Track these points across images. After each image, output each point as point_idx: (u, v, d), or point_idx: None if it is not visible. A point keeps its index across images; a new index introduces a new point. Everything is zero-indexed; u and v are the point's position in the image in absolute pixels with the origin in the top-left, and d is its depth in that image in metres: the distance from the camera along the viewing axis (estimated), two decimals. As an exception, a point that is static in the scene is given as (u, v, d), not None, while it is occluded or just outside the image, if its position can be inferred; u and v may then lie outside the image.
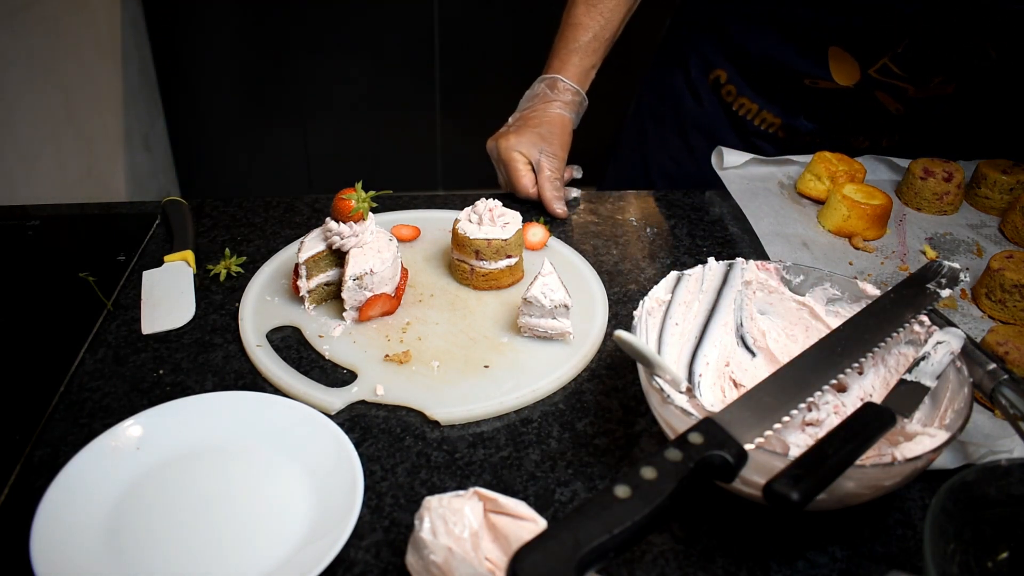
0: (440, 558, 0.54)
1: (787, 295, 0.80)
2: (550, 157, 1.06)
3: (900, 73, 1.08)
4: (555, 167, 1.07)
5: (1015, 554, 0.57)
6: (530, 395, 0.77)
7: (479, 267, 0.90)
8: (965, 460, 0.68)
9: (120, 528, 0.63)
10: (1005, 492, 0.56)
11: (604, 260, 0.99)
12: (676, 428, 0.63)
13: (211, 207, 1.09)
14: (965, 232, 1.05)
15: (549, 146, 1.07)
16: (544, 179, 1.06)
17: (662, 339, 0.76)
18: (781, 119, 1.20)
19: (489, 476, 0.69)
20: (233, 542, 0.62)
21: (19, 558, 0.60)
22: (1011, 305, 0.87)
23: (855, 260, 0.98)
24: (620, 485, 0.49)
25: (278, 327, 0.86)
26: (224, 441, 0.71)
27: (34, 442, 0.72)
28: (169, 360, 0.82)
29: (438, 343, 0.83)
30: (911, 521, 0.66)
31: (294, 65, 2.69)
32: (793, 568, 0.62)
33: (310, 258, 0.85)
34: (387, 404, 0.76)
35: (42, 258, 0.99)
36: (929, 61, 1.07)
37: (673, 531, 0.64)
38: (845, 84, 1.10)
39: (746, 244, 1.03)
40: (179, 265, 0.95)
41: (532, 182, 1.07)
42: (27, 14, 1.87)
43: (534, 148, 1.06)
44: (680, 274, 0.78)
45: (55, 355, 0.81)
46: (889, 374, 0.73)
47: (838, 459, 0.55)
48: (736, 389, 0.77)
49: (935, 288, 0.74)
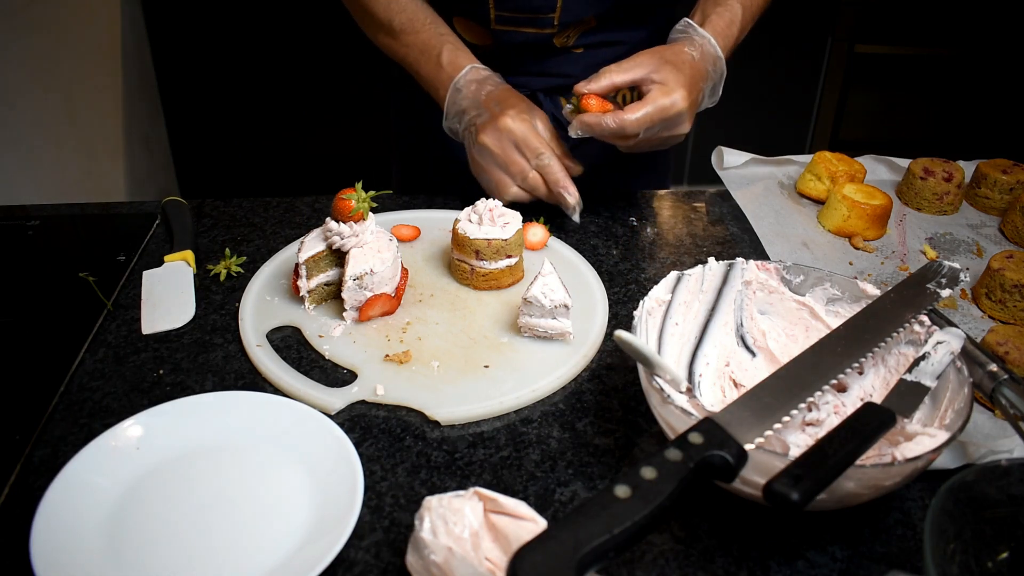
0: (440, 558, 0.54)
1: (787, 295, 0.80)
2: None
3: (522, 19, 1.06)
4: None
5: (1015, 554, 0.57)
6: (530, 395, 0.77)
7: (479, 267, 0.90)
8: (965, 460, 0.68)
9: (120, 528, 0.63)
10: (1005, 492, 0.56)
11: (604, 260, 0.99)
12: (676, 428, 0.63)
13: (211, 207, 1.09)
14: (965, 232, 1.05)
15: (543, 121, 0.99)
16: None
17: (662, 339, 0.76)
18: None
19: (489, 476, 0.69)
20: (233, 542, 0.62)
21: (19, 558, 0.60)
22: (1011, 305, 0.87)
23: (855, 260, 0.98)
24: (620, 485, 0.49)
25: (278, 327, 0.86)
26: (224, 441, 0.71)
27: (34, 442, 0.72)
28: (169, 360, 0.82)
29: (438, 343, 0.83)
30: (911, 521, 0.66)
31: (294, 65, 2.69)
32: (793, 568, 0.62)
33: (310, 258, 0.85)
34: (387, 404, 0.76)
35: (42, 258, 0.99)
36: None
37: (673, 531, 0.64)
38: (484, 43, 1.07)
39: (746, 244, 1.03)
40: (179, 265, 0.95)
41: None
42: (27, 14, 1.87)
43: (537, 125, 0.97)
44: (680, 274, 0.78)
45: (55, 355, 0.81)
46: (889, 374, 0.73)
47: (838, 459, 0.55)
48: (736, 389, 0.77)
49: (935, 288, 0.74)
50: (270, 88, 2.74)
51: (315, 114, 2.79)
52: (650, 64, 0.92)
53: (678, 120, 0.93)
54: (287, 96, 2.75)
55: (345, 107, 2.77)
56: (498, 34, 1.09)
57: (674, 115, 0.92)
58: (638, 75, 0.92)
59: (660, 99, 0.91)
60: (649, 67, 0.92)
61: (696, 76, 0.95)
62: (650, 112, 0.91)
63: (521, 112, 0.97)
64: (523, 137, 0.96)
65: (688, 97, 0.92)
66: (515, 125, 0.96)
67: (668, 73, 0.92)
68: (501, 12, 1.06)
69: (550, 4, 1.05)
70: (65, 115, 2.04)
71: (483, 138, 0.97)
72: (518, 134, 0.96)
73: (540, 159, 0.95)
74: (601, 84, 0.92)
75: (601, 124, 0.92)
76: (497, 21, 1.07)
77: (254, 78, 2.73)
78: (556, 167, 0.96)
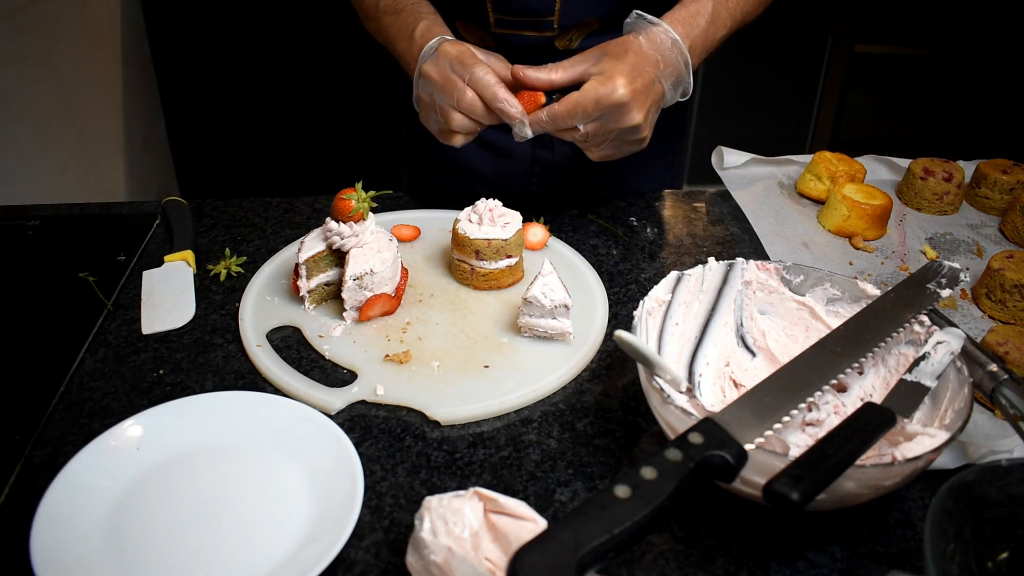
0: (440, 558, 0.54)
1: (787, 295, 0.80)
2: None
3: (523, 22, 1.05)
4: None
5: (1015, 554, 0.57)
6: (530, 395, 0.77)
7: (479, 267, 0.90)
8: (965, 460, 0.68)
9: (120, 528, 0.63)
10: (1005, 492, 0.56)
11: (604, 260, 0.99)
12: (676, 428, 0.63)
13: (211, 207, 1.09)
14: (965, 232, 1.05)
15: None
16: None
17: (662, 339, 0.76)
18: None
19: (489, 476, 0.69)
20: (233, 542, 0.62)
21: (19, 558, 0.60)
22: (1011, 305, 0.87)
23: (855, 260, 0.98)
24: (620, 485, 0.49)
25: (278, 327, 0.86)
26: (224, 441, 0.71)
27: (34, 442, 0.72)
28: (169, 360, 0.82)
29: (438, 343, 0.83)
30: (911, 521, 0.66)
31: (294, 65, 2.69)
32: (793, 568, 0.62)
33: (310, 258, 0.85)
34: (387, 404, 0.76)
35: (42, 258, 0.99)
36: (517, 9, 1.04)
37: (673, 531, 0.64)
38: (486, 46, 1.04)
39: (746, 244, 1.03)
40: (179, 265, 0.95)
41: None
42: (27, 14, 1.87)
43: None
44: (680, 274, 0.78)
45: (55, 355, 0.81)
46: (889, 374, 0.73)
47: (838, 459, 0.55)
48: (736, 389, 0.77)
49: (935, 288, 0.74)
50: (270, 88, 2.74)
51: (315, 114, 2.79)
52: (591, 58, 0.89)
53: (621, 110, 0.86)
54: (287, 96, 2.75)
55: (346, 107, 2.77)
56: (499, 37, 1.08)
57: (613, 104, 0.85)
58: (578, 71, 0.89)
59: (596, 88, 0.86)
60: (590, 61, 0.88)
61: (640, 63, 0.88)
62: (580, 100, 0.86)
63: (464, 43, 0.91)
64: (456, 56, 0.88)
65: (629, 85, 0.85)
66: (453, 48, 0.89)
67: (607, 63, 0.87)
68: (500, 15, 1.06)
69: (548, 7, 1.04)
70: (65, 115, 2.04)
71: (425, 67, 0.90)
72: (453, 53, 0.89)
73: (473, 73, 0.87)
74: (539, 76, 0.89)
75: (537, 118, 0.88)
76: (496, 24, 1.07)
77: (254, 78, 2.73)
78: (491, 80, 0.87)
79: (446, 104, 0.90)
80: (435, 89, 0.90)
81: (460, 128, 0.91)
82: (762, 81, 2.84)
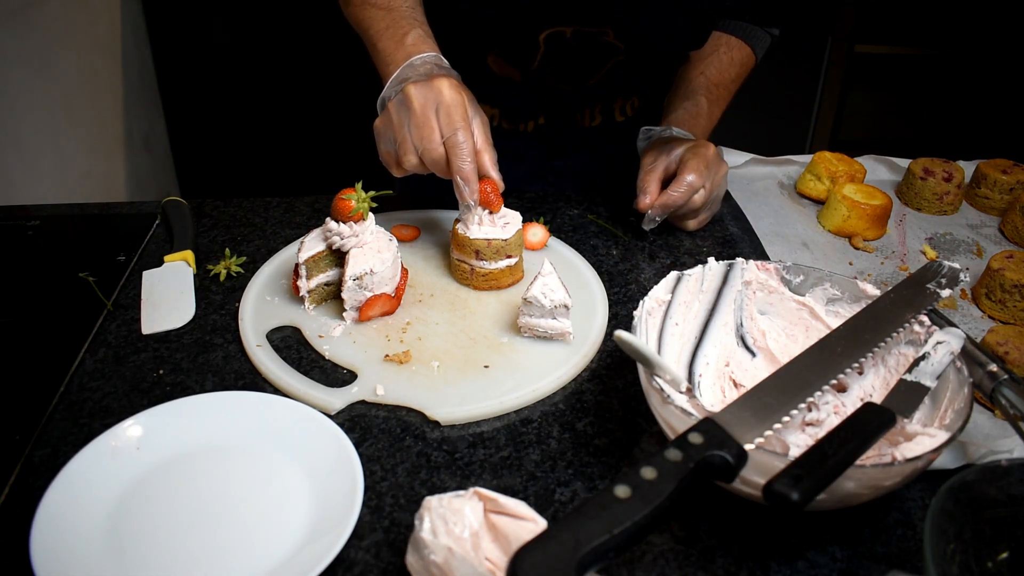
0: (440, 558, 0.54)
1: (787, 295, 0.80)
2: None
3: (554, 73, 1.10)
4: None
5: (1015, 554, 0.57)
6: (530, 395, 0.77)
7: (479, 267, 0.90)
8: (965, 460, 0.68)
9: (120, 528, 0.63)
10: (1005, 492, 0.56)
11: (604, 260, 0.99)
12: (676, 428, 0.63)
13: (211, 207, 1.09)
14: (965, 232, 1.05)
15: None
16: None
17: (662, 339, 0.76)
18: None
19: (489, 476, 0.69)
20: (233, 542, 0.62)
21: (19, 558, 0.60)
22: (1011, 305, 0.87)
23: (855, 260, 0.98)
24: (620, 485, 0.49)
25: (278, 327, 0.86)
26: (224, 441, 0.71)
27: (34, 442, 0.72)
28: (169, 360, 0.82)
29: (438, 343, 0.83)
30: (911, 521, 0.66)
31: (294, 65, 2.69)
32: (793, 568, 0.62)
33: (310, 258, 0.85)
34: (387, 404, 0.76)
35: (42, 258, 0.99)
36: (569, 61, 1.08)
37: (673, 531, 0.64)
38: (512, 78, 1.07)
39: (746, 244, 1.03)
40: (179, 265, 0.95)
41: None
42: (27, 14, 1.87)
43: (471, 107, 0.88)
44: (680, 274, 0.78)
45: (55, 355, 0.81)
46: (889, 374, 0.73)
47: (838, 459, 0.55)
48: (736, 389, 0.77)
49: (935, 288, 0.74)
50: (270, 88, 2.74)
51: (315, 114, 2.78)
52: (660, 157, 1.01)
53: (718, 161, 1.01)
54: (287, 96, 2.75)
55: (346, 107, 2.77)
56: (532, 77, 1.10)
57: (712, 158, 1.00)
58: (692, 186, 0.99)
59: (694, 153, 0.98)
60: (662, 159, 1.01)
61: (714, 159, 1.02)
62: (696, 165, 0.98)
63: (462, 91, 0.86)
64: (449, 104, 0.84)
65: (709, 143, 1.02)
66: (448, 91, 0.84)
67: (674, 147, 1.01)
68: (544, 67, 1.08)
69: (593, 71, 1.09)
70: (65, 115, 2.04)
71: (410, 88, 0.85)
72: (446, 98, 0.84)
73: (455, 135, 0.84)
74: (664, 202, 0.98)
75: (668, 198, 0.97)
76: (538, 72, 1.09)
77: (254, 78, 2.72)
78: (467, 151, 0.84)
79: (411, 140, 0.86)
80: (408, 118, 0.85)
81: (410, 168, 0.88)
82: (762, 81, 2.84)
